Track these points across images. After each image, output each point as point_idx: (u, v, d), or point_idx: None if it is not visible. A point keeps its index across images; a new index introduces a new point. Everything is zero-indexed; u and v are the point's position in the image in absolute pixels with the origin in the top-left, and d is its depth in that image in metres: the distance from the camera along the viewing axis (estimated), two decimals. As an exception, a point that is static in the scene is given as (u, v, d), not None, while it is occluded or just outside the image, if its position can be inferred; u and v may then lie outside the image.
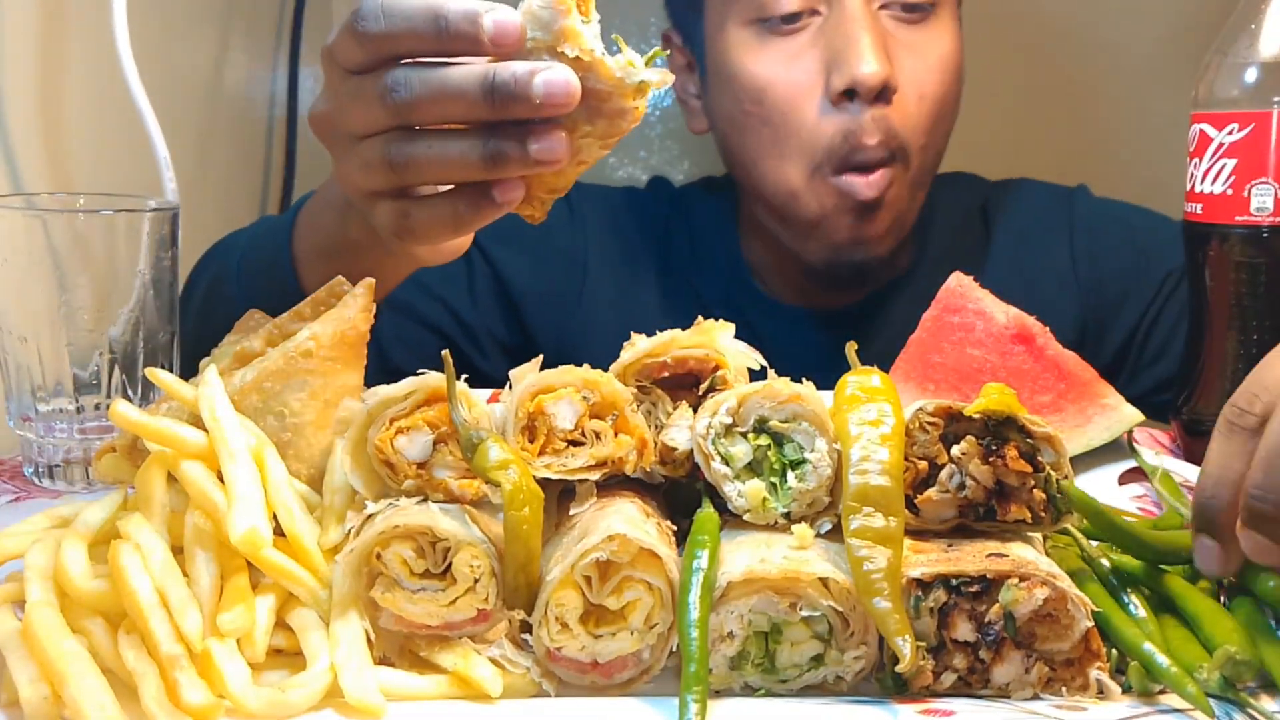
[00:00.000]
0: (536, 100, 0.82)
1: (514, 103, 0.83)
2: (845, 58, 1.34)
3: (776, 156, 1.42)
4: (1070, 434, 1.07)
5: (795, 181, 1.41)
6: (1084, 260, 1.57)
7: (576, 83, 0.82)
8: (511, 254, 1.55)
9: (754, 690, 0.71)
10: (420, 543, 0.71)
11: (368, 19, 0.88)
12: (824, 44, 1.38)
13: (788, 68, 1.39)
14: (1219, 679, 0.68)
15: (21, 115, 1.25)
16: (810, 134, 1.39)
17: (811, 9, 1.39)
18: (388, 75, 0.88)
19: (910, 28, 1.40)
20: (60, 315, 1.00)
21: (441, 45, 0.85)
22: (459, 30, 0.84)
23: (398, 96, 0.87)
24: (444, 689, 0.70)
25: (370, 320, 0.86)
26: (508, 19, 0.83)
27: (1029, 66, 2.22)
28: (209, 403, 0.76)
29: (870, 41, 1.34)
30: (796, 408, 0.75)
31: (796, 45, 1.39)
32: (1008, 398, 0.74)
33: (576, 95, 0.82)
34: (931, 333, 1.13)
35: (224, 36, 1.82)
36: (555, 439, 0.76)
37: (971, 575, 0.69)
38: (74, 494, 1.03)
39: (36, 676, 0.65)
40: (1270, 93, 1.08)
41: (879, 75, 1.33)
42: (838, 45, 1.36)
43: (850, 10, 1.36)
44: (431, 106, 0.87)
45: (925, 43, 1.41)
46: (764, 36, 1.40)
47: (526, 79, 0.82)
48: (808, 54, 1.39)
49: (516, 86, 0.83)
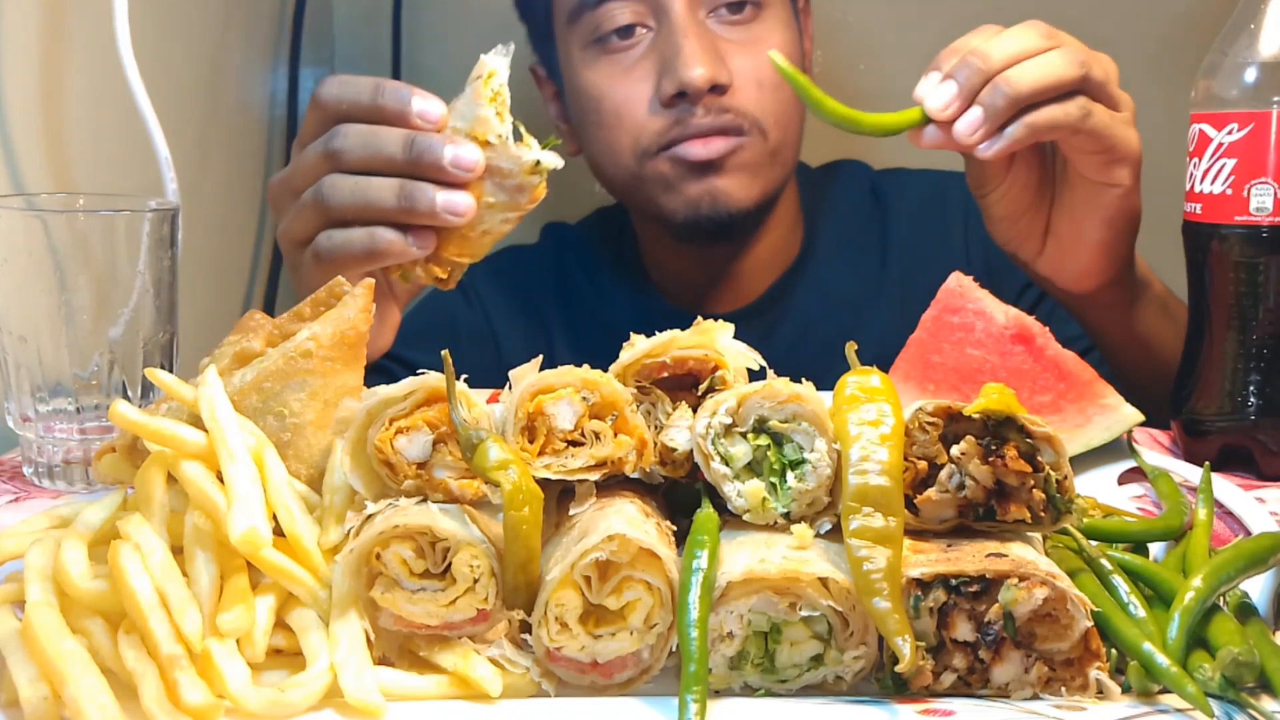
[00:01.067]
0: (446, 163, 0.99)
1: (427, 160, 1.00)
2: (673, 65, 1.45)
3: (610, 153, 1.55)
4: (1070, 434, 1.07)
5: (629, 165, 1.53)
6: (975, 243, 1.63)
7: (481, 157, 1.00)
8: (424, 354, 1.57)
9: (754, 690, 0.71)
10: (420, 543, 0.71)
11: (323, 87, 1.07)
12: (655, 56, 1.49)
13: (622, 79, 1.52)
14: (1220, 679, 0.68)
15: (22, 115, 1.25)
16: (640, 128, 1.50)
17: (642, 23, 1.50)
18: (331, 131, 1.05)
19: (740, 28, 1.51)
20: (60, 315, 1.00)
21: (374, 111, 1.03)
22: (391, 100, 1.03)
23: (335, 143, 1.04)
24: (444, 689, 0.70)
25: (370, 321, 0.86)
26: (432, 103, 1.02)
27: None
28: (209, 403, 0.76)
29: (696, 47, 1.45)
30: (796, 408, 0.75)
31: (630, 59, 1.52)
32: (1007, 398, 0.74)
33: (480, 166, 1.00)
34: (931, 333, 1.13)
35: (224, 37, 1.82)
36: (555, 439, 0.76)
37: (971, 575, 0.69)
38: (74, 494, 1.03)
39: (36, 676, 0.65)
40: (1270, 93, 1.08)
41: (705, 77, 1.44)
42: (667, 54, 1.47)
43: (676, 21, 1.47)
44: (361, 154, 1.03)
45: (757, 37, 1.51)
46: (600, 55, 1.53)
47: (439, 145, 1.00)
48: (640, 66, 1.51)
49: (431, 149, 1.00)
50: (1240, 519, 0.98)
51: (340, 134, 1.04)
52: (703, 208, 1.51)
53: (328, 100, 1.06)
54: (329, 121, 1.06)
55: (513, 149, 1.00)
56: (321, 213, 1.05)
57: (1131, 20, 2.18)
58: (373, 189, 1.02)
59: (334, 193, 1.04)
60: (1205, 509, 0.90)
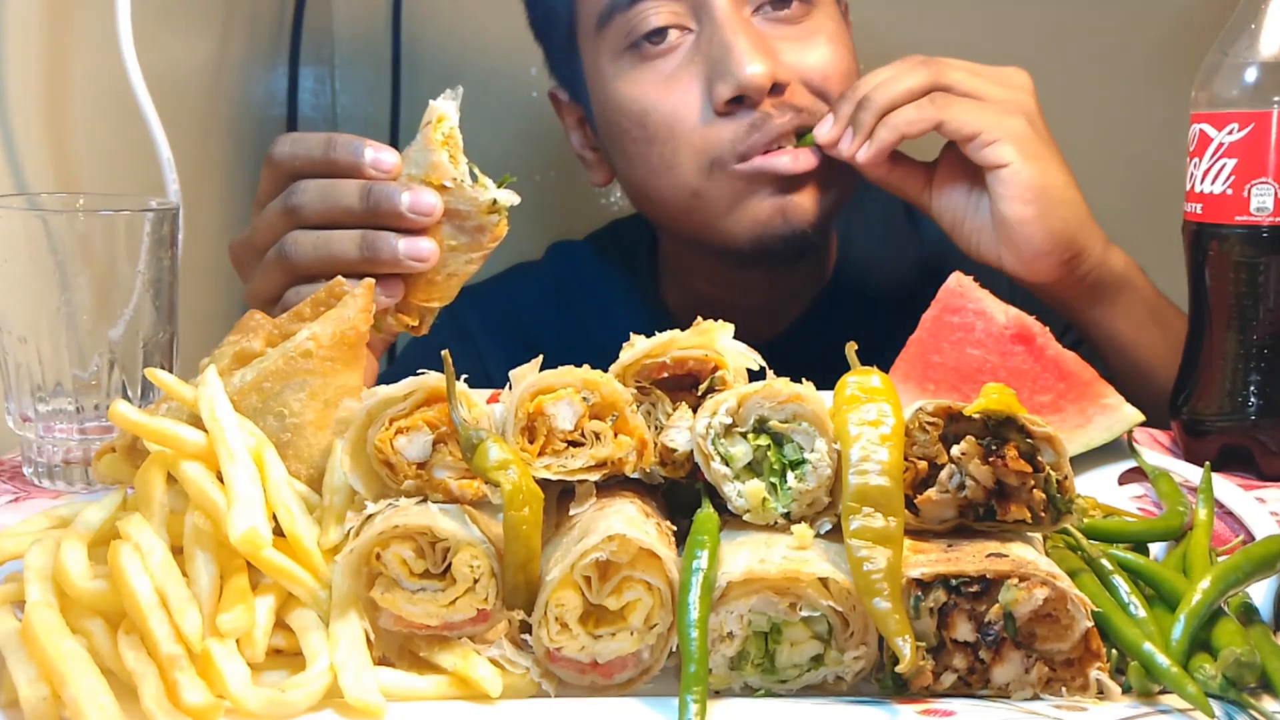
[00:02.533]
0: (404, 209, 0.99)
1: (384, 208, 1.00)
2: (726, 66, 1.31)
3: (666, 170, 1.39)
4: (1070, 434, 1.07)
5: (693, 182, 1.37)
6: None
7: (439, 201, 1.00)
8: None
9: (754, 690, 0.71)
10: (420, 543, 0.71)
11: (277, 145, 1.07)
12: (700, 59, 1.36)
13: (667, 88, 1.37)
14: (1222, 680, 0.68)
15: (24, 115, 1.25)
16: (701, 140, 1.36)
17: (681, 26, 1.37)
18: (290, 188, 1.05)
19: (788, 26, 1.38)
20: (60, 315, 1.00)
21: (328, 165, 1.04)
22: (344, 153, 1.03)
23: (293, 199, 1.04)
24: (444, 689, 0.70)
25: (370, 321, 0.86)
26: (385, 153, 1.03)
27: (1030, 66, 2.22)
28: (208, 403, 0.76)
29: (748, 44, 1.31)
30: (796, 408, 0.75)
31: (671, 66, 1.37)
32: (1008, 398, 0.74)
33: (438, 210, 1.00)
34: (931, 333, 1.13)
35: (225, 37, 1.82)
36: (555, 439, 0.76)
37: (971, 575, 0.69)
38: (74, 494, 1.03)
39: (36, 677, 0.65)
40: (1270, 93, 1.08)
41: (765, 74, 1.30)
42: (715, 56, 1.33)
43: (721, 18, 1.33)
44: (320, 208, 1.03)
45: (805, 36, 1.39)
46: (637, 63, 1.39)
47: (396, 193, 1.00)
48: (685, 72, 1.36)
49: (388, 197, 1.00)
50: (1240, 519, 0.98)
51: (298, 190, 1.04)
52: (774, 227, 1.37)
53: (281, 159, 1.06)
54: (284, 180, 1.06)
55: (469, 190, 1.01)
56: (287, 270, 1.05)
57: (1131, 20, 2.18)
58: (335, 242, 1.02)
59: (297, 249, 1.04)
60: (1205, 509, 0.90)
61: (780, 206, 1.36)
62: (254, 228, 1.09)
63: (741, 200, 1.37)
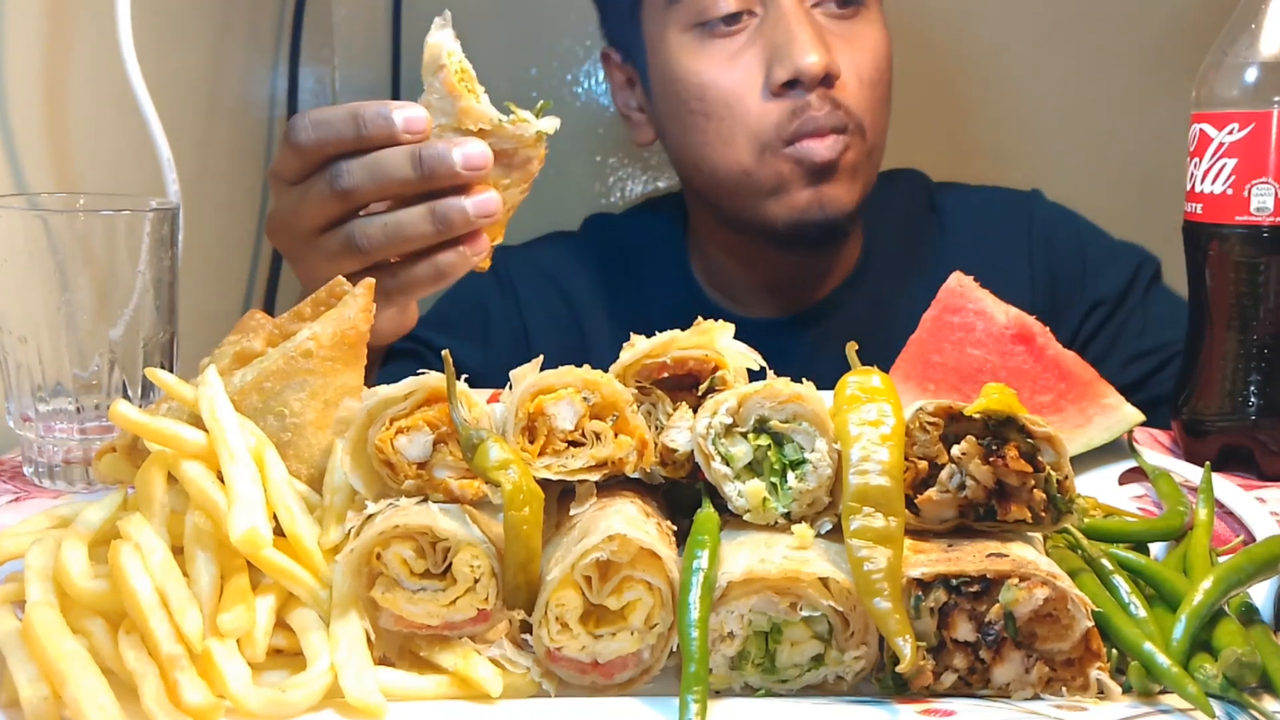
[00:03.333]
0: (458, 168, 0.98)
1: (440, 173, 0.99)
2: (787, 51, 1.42)
3: (723, 145, 1.48)
4: (1070, 434, 1.07)
5: (745, 161, 1.47)
6: (1040, 268, 1.62)
7: (488, 150, 0.99)
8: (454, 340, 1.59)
9: (754, 690, 0.71)
10: (420, 543, 0.71)
11: (298, 130, 1.03)
12: (762, 42, 1.46)
13: (728, 66, 1.47)
14: (1222, 680, 0.68)
15: (24, 115, 1.25)
16: (755, 119, 1.45)
17: (748, 10, 1.47)
18: (329, 169, 1.02)
19: (843, 22, 1.49)
20: (60, 315, 1.00)
21: (362, 142, 1.01)
22: (375, 125, 1.00)
23: (342, 183, 1.01)
24: (444, 689, 0.70)
25: (370, 320, 0.86)
26: (414, 111, 1.00)
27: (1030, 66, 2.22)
28: (209, 403, 0.76)
29: (809, 34, 1.42)
30: (797, 408, 0.75)
31: (736, 45, 1.47)
32: (1008, 398, 0.74)
33: (489, 158, 0.99)
34: (931, 333, 1.13)
35: (225, 37, 1.82)
36: (555, 439, 0.76)
37: (972, 575, 0.69)
38: (74, 494, 1.03)
39: (36, 676, 0.65)
40: (1270, 93, 1.08)
41: (821, 64, 1.41)
42: (777, 40, 1.44)
43: (786, 7, 1.44)
44: (372, 187, 1.01)
45: (858, 34, 1.50)
46: (703, 40, 1.48)
47: (447, 152, 0.98)
48: (747, 52, 1.46)
49: (440, 159, 0.98)
50: (1240, 519, 0.98)
51: (343, 173, 1.02)
52: (810, 214, 1.47)
53: (307, 144, 1.03)
54: (314, 162, 1.04)
55: (510, 129, 0.99)
56: (361, 259, 1.04)
57: (1131, 20, 2.18)
58: (406, 225, 1.01)
59: (369, 240, 1.03)
60: (1206, 509, 0.90)
61: (817, 196, 1.46)
62: (295, 209, 1.06)
63: (784, 185, 1.47)
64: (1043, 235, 1.63)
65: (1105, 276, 1.60)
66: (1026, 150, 2.21)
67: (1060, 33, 2.20)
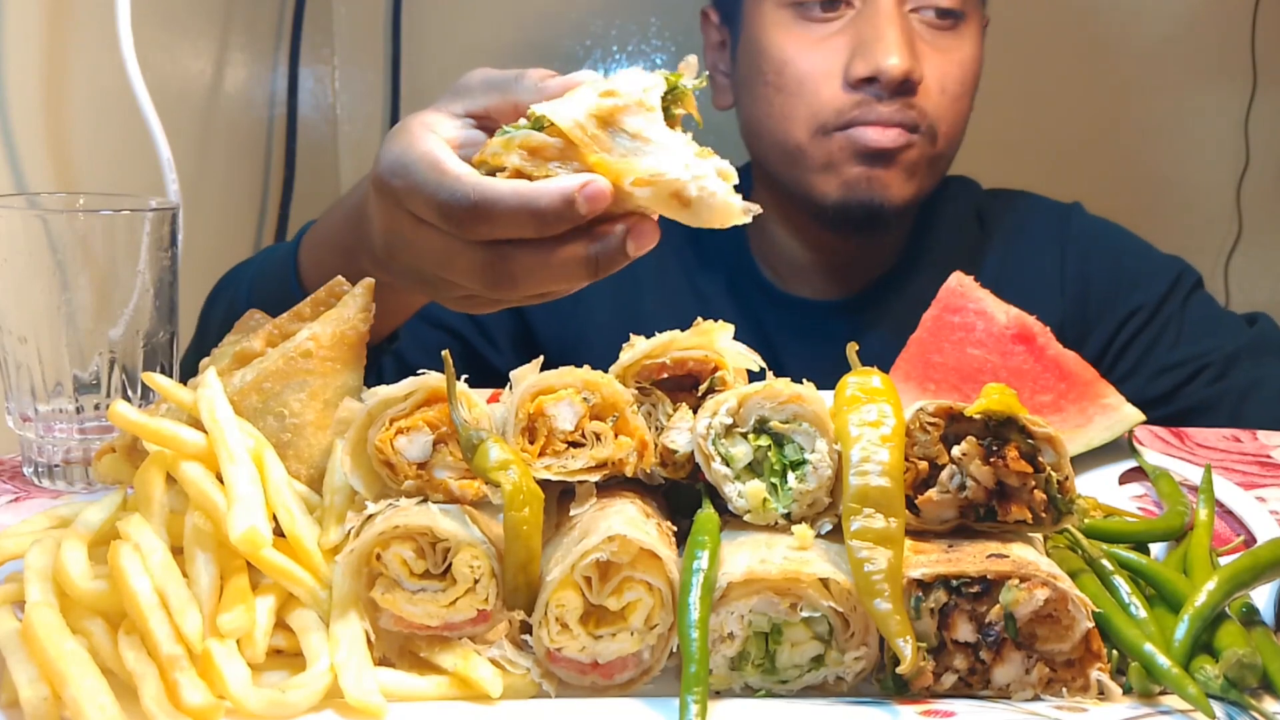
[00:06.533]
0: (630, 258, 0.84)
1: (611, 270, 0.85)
2: (872, 48, 1.44)
3: (785, 120, 1.51)
4: (1071, 434, 1.07)
5: (800, 138, 1.50)
6: (1072, 277, 1.63)
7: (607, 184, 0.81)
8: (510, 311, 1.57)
9: (754, 691, 0.71)
10: (420, 543, 0.71)
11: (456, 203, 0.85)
12: (852, 34, 1.47)
13: (813, 49, 1.49)
14: (1223, 681, 0.68)
15: (25, 115, 1.25)
16: (821, 104, 1.47)
17: (849, 2, 1.48)
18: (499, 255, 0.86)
19: (939, 32, 1.50)
20: (60, 315, 1.00)
21: (541, 234, 0.84)
22: (559, 219, 0.82)
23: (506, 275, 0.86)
24: (444, 690, 0.70)
25: (370, 320, 0.86)
26: (597, 189, 0.81)
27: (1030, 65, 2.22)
28: (208, 404, 0.76)
29: (898, 37, 1.44)
30: (797, 408, 0.75)
31: (826, 31, 1.49)
32: (1008, 398, 0.74)
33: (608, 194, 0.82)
34: (932, 333, 1.13)
35: (225, 38, 1.82)
36: (555, 440, 0.76)
37: (972, 576, 0.69)
38: (74, 494, 1.03)
39: (36, 677, 0.65)
40: None
41: (902, 68, 1.42)
42: (866, 36, 1.45)
43: (883, 5, 1.45)
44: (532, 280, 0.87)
45: (952, 46, 1.51)
46: (798, 20, 1.51)
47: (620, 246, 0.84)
48: (835, 40, 1.48)
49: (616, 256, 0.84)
50: (1241, 519, 0.98)
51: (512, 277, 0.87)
52: (858, 193, 1.49)
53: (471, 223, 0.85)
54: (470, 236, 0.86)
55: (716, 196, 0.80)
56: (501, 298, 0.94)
57: (1132, 20, 2.18)
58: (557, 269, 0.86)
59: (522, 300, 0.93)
60: (1206, 509, 0.90)
61: (867, 174, 1.48)
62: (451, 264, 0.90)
63: (834, 165, 1.49)
64: (1078, 246, 1.64)
65: (1142, 286, 1.60)
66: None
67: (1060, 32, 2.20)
